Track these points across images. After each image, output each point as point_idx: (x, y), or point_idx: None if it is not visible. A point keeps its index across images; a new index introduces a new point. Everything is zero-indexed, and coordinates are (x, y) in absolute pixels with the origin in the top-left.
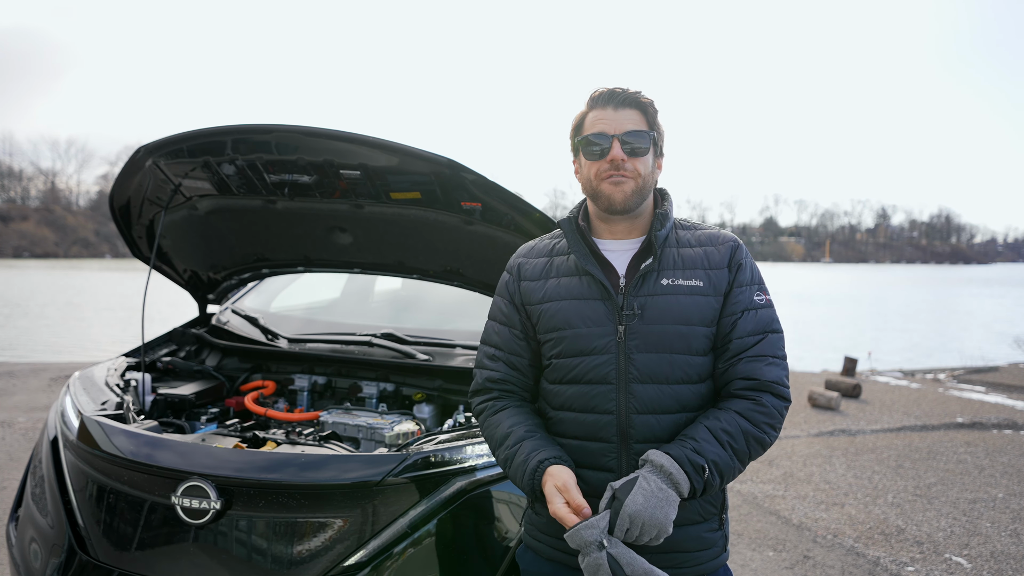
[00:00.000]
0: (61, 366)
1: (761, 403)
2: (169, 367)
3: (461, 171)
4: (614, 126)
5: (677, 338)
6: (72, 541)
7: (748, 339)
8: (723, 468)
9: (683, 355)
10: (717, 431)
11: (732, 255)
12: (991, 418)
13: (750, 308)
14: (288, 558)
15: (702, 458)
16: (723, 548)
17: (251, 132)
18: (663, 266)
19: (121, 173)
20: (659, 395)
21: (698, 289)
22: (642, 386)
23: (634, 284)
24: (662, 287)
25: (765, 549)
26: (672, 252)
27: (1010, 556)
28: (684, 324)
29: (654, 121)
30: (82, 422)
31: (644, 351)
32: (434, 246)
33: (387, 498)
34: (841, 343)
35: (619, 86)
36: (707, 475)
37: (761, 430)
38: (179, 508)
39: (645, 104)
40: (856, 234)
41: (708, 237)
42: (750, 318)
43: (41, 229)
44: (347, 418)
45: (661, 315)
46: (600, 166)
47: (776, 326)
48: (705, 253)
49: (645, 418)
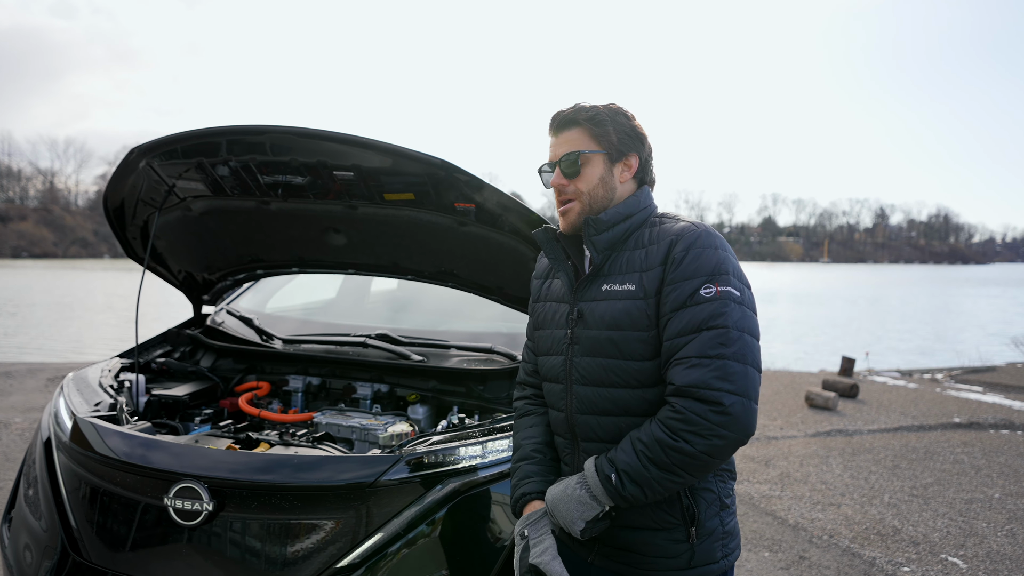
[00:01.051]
0: (58, 366)
1: (677, 410)
2: (163, 368)
3: (455, 172)
4: (554, 152)
5: (608, 343)
6: (65, 543)
7: (677, 340)
8: (636, 477)
9: (616, 360)
10: (635, 439)
11: (668, 250)
12: (988, 418)
13: (684, 306)
14: (281, 559)
15: (612, 466)
16: (690, 562)
17: (245, 133)
18: (609, 271)
19: (115, 174)
20: (596, 397)
21: (630, 293)
22: (583, 388)
23: (580, 289)
24: (601, 292)
25: (761, 549)
26: (622, 256)
27: (1006, 556)
28: (615, 329)
29: (597, 132)
30: (75, 423)
31: (583, 355)
32: (428, 247)
33: (380, 499)
34: (839, 343)
35: (565, 108)
36: (615, 482)
37: (678, 438)
38: (172, 510)
39: (580, 120)
40: (854, 234)
41: (659, 234)
42: (681, 317)
43: (40, 229)
44: (341, 419)
45: (596, 320)
46: (555, 194)
47: (718, 321)
48: (647, 253)
49: (586, 418)
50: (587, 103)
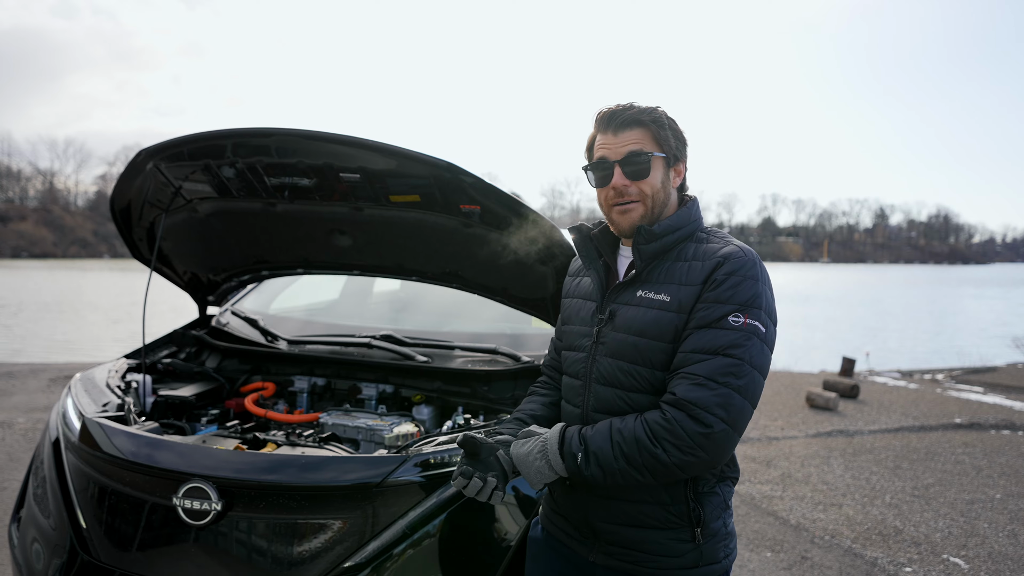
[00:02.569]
0: (60, 367)
1: (667, 418)
2: (169, 369)
3: (460, 174)
4: (615, 151)
5: (633, 349)
6: (74, 542)
7: (691, 355)
8: (602, 463)
9: (638, 366)
10: (615, 429)
11: (712, 270)
12: (989, 419)
13: (710, 327)
14: (288, 559)
15: (582, 445)
16: (697, 562)
17: (251, 135)
18: (646, 278)
19: (122, 176)
20: (614, 398)
21: (663, 304)
22: (602, 387)
23: (615, 291)
24: (636, 298)
25: (763, 550)
26: (663, 265)
27: (1007, 557)
28: (641, 337)
29: (660, 135)
30: (84, 424)
31: (607, 356)
32: (433, 248)
33: (387, 499)
34: (839, 343)
35: (621, 104)
36: (579, 461)
37: (657, 445)
38: (180, 509)
39: (645, 121)
40: (854, 234)
41: (704, 251)
42: (703, 335)
43: (39, 229)
44: (346, 419)
45: (625, 324)
46: (607, 193)
47: (737, 352)
48: (689, 268)
49: (601, 418)
50: (641, 103)
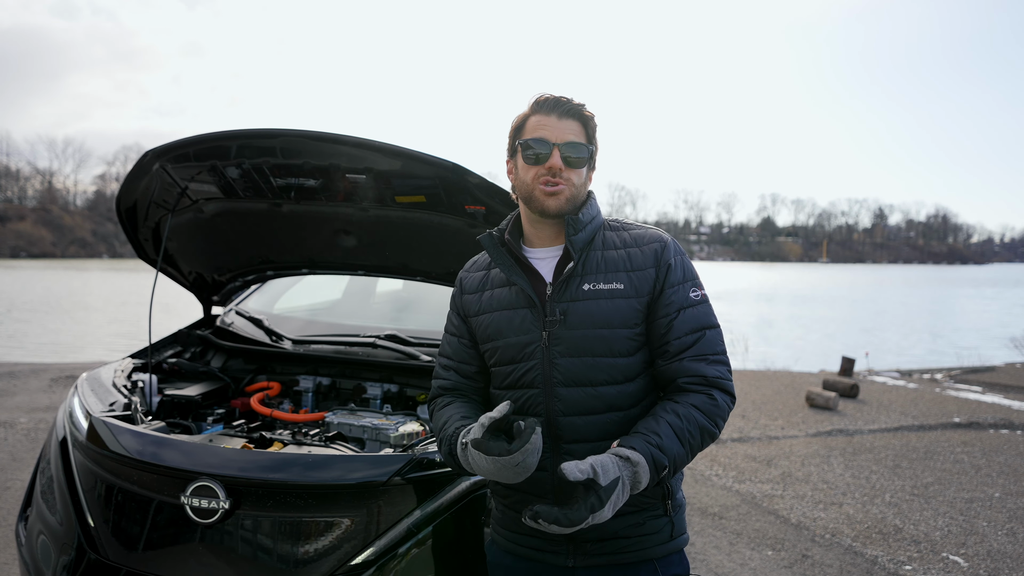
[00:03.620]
0: (61, 366)
1: (714, 398)
2: (174, 368)
3: (465, 175)
4: (556, 134)
5: (598, 341)
6: (82, 540)
7: (687, 338)
8: (679, 464)
9: (605, 358)
10: (680, 430)
11: (659, 256)
12: (988, 418)
13: (685, 306)
14: (295, 557)
15: (665, 456)
16: (671, 535)
17: (257, 137)
18: (586, 270)
19: (128, 176)
20: (583, 397)
21: (618, 292)
22: (567, 389)
23: (557, 290)
24: (583, 292)
25: (764, 548)
26: (596, 255)
27: (1006, 555)
28: (605, 327)
29: (593, 136)
30: (91, 423)
31: (567, 355)
32: (438, 249)
33: (394, 498)
34: (838, 343)
35: (565, 96)
36: (664, 473)
37: (715, 424)
38: (188, 508)
39: (587, 117)
40: (853, 234)
41: (634, 238)
42: (687, 317)
43: (38, 229)
44: (352, 419)
45: (582, 320)
46: (537, 171)
47: (712, 320)
48: (628, 255)
49: (571, 420)
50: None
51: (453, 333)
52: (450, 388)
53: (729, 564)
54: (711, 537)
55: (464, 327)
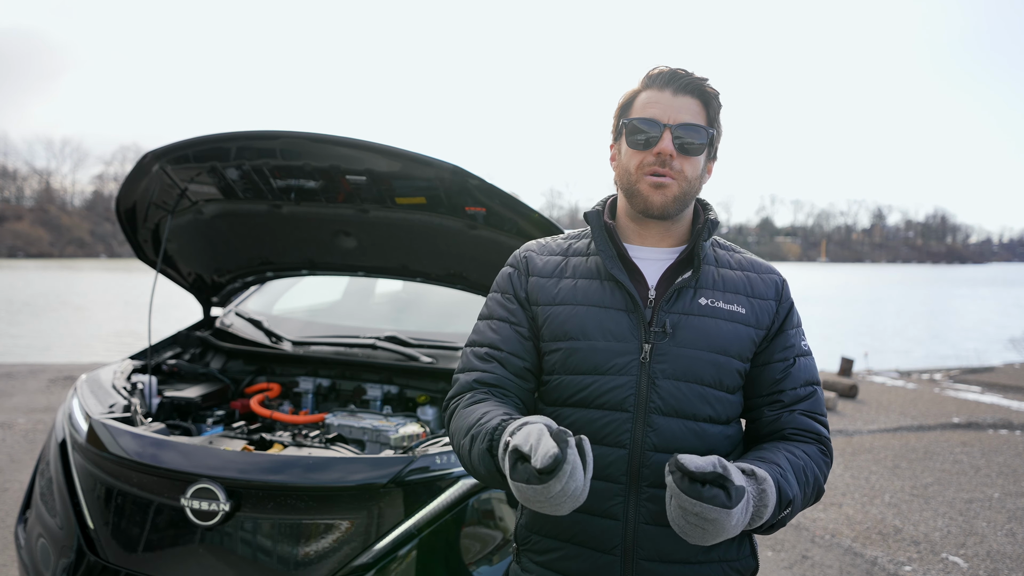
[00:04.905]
0: (59, 367)
1: (826, 453)
2: (174, 370)
3: (466, 176)
4: (669, 114)
5: (710, 367)
6: (81, 542)
7: (802, 390)
8: (796, 507)
9: (714, 389)
10: (799, 469)
11: (781, 289)
12: (987, 418)
13: (801, 355)
14: (296, 559)
15: (790, 489)
16: None
17: (258, 138)
18: (702, 284)
19: (128, 178)
20: (684, 432)
21: (739, 316)
22: (664, 419)
23: (667, 299)
24: (699, 307)
25: (764, 549)
26: (711, 271)
27: (1006, 555)
28: (721, 353)
29: (715, 118)
30: (91, 425)
31: (671, 377)
32: (438, 250)
33: (395, 500)
34: (837, 343)
35: (683, 68)
36: (787, 512)
37: (824, 479)
38: (188, 510)
39: (710, 95)
40: (852, 234)
41: (750, 263)
42: (803, 367)
43: (36, 229)
44: (352, 420)
45: (696, 338)
46: (644, 158)
47: (818, 378)
48: (748, 279)
49: (664, 458)
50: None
51: (503, 319)
52: (489, 383)
53: None
54: None
55: (523, 315)
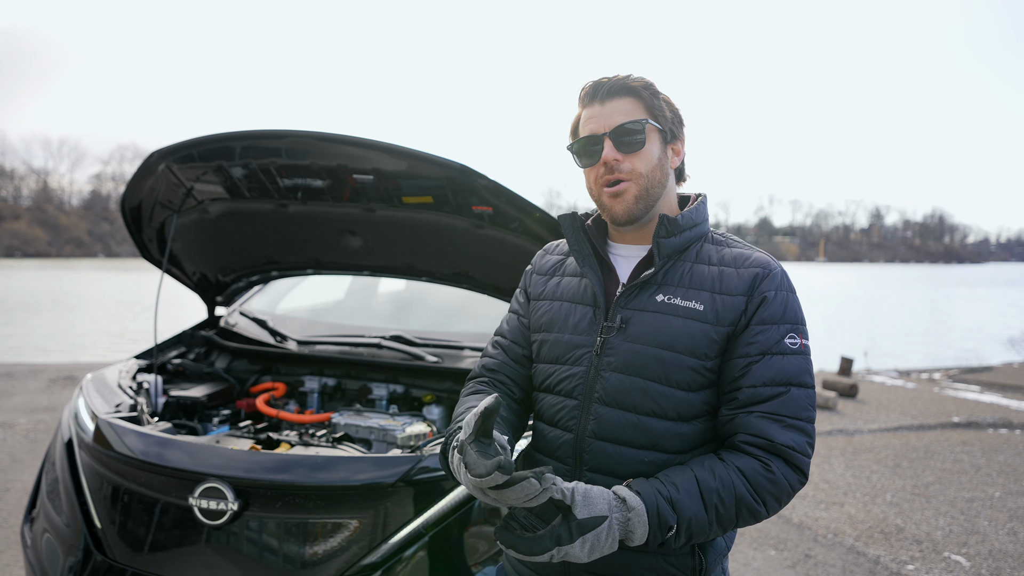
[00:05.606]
0: (59, 367)
1: (771, 471)
2: (179, 369)
3: (473, 176)
4: (604, 123)
5: (654, 362)
6: (88, 541)
7: (764, 390)
8: (695, 531)
9: (657, 384)
10: (709, 491)
11: (755, 283)
12: (986, 417)
13: (773, 352)
14: (304, 559)
15: (675, 515)
16: None
17: (264, 137)
18: (667, 280)
19: (133, 176)
20: (622, 423)
21: (694, 313)
22: (606, 409)
23: (627, 294)
24: (655, 303)
25: (767, 548)
26: (684, 267)
27: (1008, 554)
28: (667, 349)
29: (654, 104)
30: (98, 424)
31: (616, 370)
32: (444, 249)
33: (403, 499)
34: (835, 343)
35: (607, 76)
36: (670, 535)
37: (760, 501)
38: (197, 509)
39: (637, 88)
40: (850, 234)
41: (734, 257)
42: (771, 364)
43: (33, 229)
44: (359, 420)
45: (642, 333)
46: (597, 172)
47: (806, 379)
48: (720, 274)
49: (602, 445)
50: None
51: (514, 311)
52: (493, 368)
53: (732, 564)
54: None
55: (527, 307)
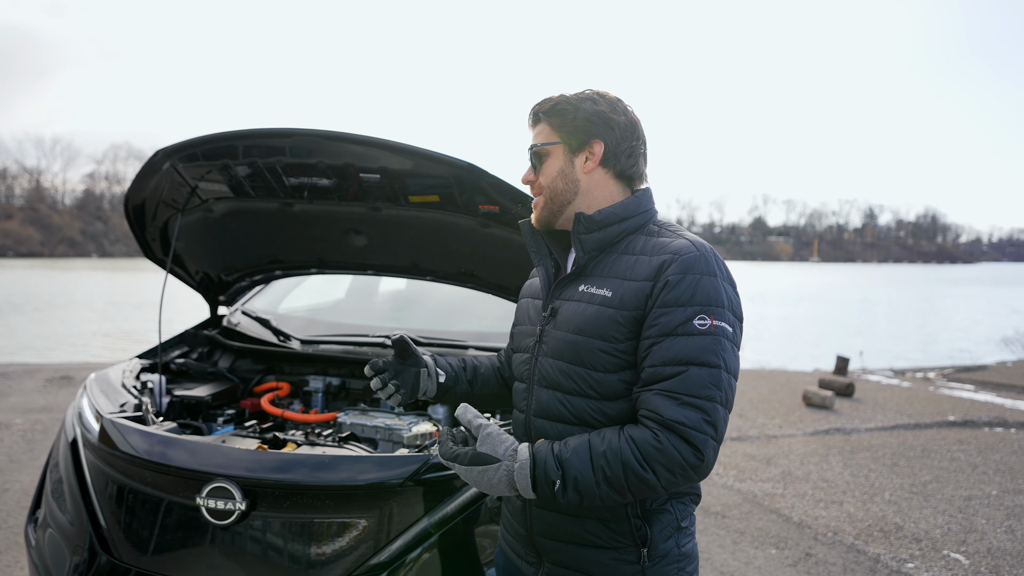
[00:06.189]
0: (55, 367)
1: (660, 441)
2: (183, 369)
3: (480, 175)
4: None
5: (570, 347)
6: (94, 541)
7: (662, 369)
8: (583, 489)
9: (576, 366)
10: (597, 454)
11: (661, 268)
12: (982, 416)
13: (678, 334)
14: (311, 558)
15: (559, 471)
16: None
17: (271, 136)
18: (592, 271)
19: (138, 175)
20: (554, 402)
21: (603, 299)
22: (543, 390)
23: (559, 286)
24: (577, 293)
25: (767, 547)
26: (611, 258)
27: (1006, 552)
28: (579, 334)
29: (557, 123)
30: (103, 424)
31: (547, 355)
32: (450, 248)
33: (411, 498)
34: (831, 342)
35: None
36: (556, 488)
37: (647, 468)
38: (204, 509)
39: (548, 112)
40: (844, 233)
41: (654, 246)
42: (672, 345)
43: (26, 228)
44: (364, 419)
45: (564, 320)
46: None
47: (709, 358)
48: (635, 262)
49: (543, 423)
50: (556, 95)
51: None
52: (503, 354)
53: (734, 563)
54: (715, 536)
55: None
